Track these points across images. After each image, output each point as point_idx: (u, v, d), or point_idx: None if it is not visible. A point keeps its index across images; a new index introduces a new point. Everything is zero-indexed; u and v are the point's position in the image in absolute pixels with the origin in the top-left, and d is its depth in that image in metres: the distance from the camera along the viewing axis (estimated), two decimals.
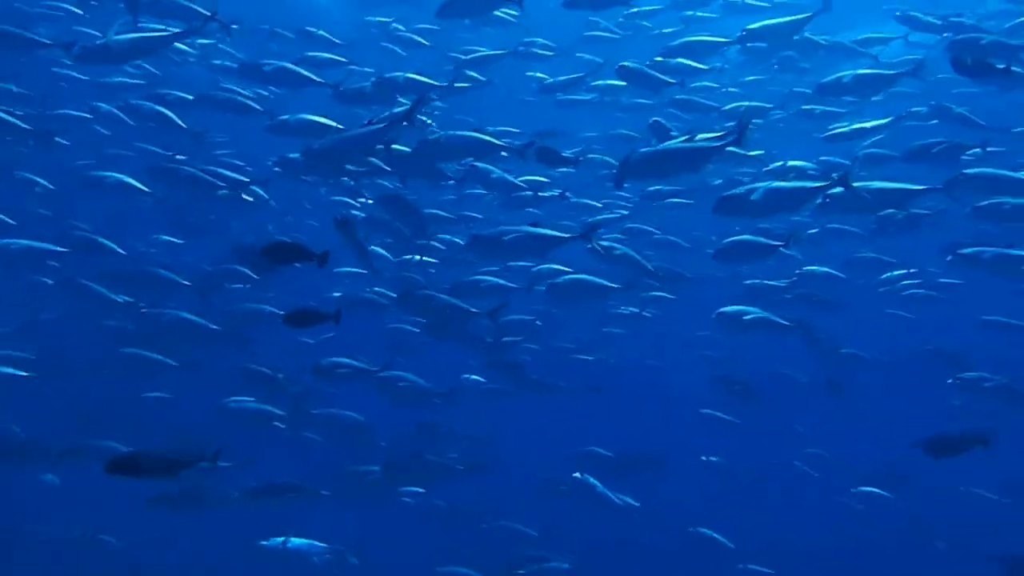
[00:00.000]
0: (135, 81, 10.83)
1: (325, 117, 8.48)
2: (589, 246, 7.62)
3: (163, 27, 7.94)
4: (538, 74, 13.20)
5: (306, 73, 9.04)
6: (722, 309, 8.76)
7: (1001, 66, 7.61)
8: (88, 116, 9.70)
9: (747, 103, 11.25)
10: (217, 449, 5.63)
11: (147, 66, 10.82)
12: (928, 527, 13.58)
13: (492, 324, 8.65)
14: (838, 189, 6.91)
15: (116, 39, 7.51)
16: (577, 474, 9.72)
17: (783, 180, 7.30)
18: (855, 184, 6.86)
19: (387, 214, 9.14)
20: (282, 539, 8.65)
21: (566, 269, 9.01)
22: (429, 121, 10.76)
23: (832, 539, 13.70)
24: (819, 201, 7.20)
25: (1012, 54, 8.12)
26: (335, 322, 7.25)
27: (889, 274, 12.51)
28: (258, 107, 9.16)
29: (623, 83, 11.34)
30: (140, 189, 8.86)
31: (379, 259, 10.14)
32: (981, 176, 8.11)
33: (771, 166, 9.82)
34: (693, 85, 11.95)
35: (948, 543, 13.19)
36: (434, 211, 10.41)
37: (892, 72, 9.41)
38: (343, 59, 10.61)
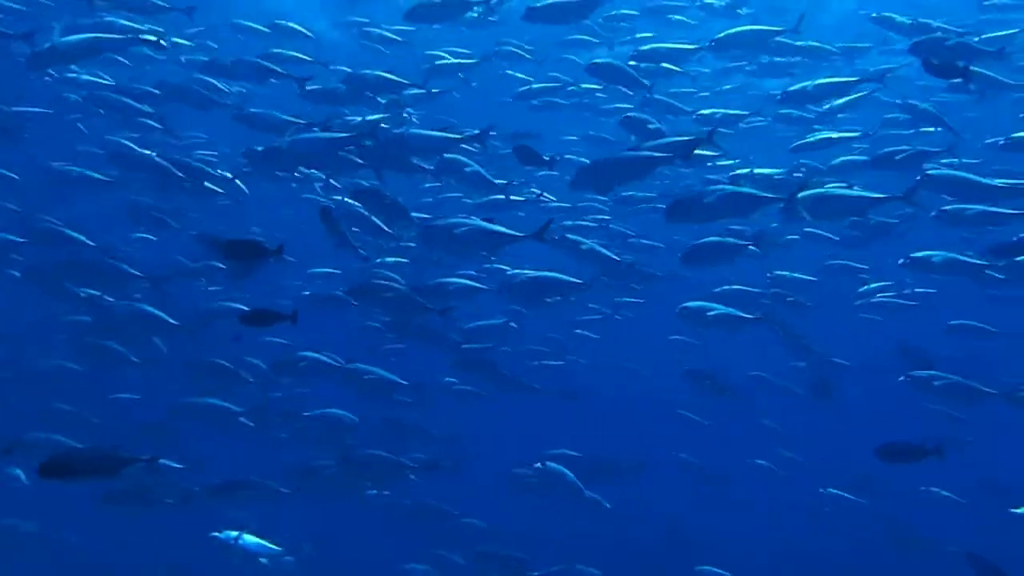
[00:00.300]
0: (104, 80, 10.79)
1: (298, 116, 8.49)
2: (556, 238, 7.54)
3: (124, 23, 7.94)
4: (518, 74, 13.19)
5: (269, 66, 9.04)
6: (685, 304, 8.61)
7: (962, 65, 7.60)
8: (50, 111, 9.67)
9: (723, 110, 11.21)
10: (155, 449, 5.58)
11: (122, 59, 10.79)
12: (907, 528, 13.52)
13: (446, 321, 8.60)
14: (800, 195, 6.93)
15: (64, 41, 7.44)
16: (538, 464, 9.47)
17: (736, 185, 7.29)
18: (806, 193, 6.87)
19: (364, 208, 9.10)
20: (236, 534, 8.61)
21: (542, 272, 8.85)
22: (415, 120, 10.76)
23: (803, 540, 13.66)
24: (781, 207, 7.20)
25: (975, 55, 8.08)
26: (292, 322, 7.26)
27: (867, 287, 12.50)
28: (228, 102, 9.16)
29: (598, 84, 11.30)
30: (104, 180, 8.84)
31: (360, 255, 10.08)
32: (943, 179, 8.03)
33: (737, 171, 9.77)
34: (671, 90, 11.93)
35: (926, 545, 13.11)
36: (411, 212, 10.37)
37: (855, 80, 9.36)
38: (307, 58, 10.55)
